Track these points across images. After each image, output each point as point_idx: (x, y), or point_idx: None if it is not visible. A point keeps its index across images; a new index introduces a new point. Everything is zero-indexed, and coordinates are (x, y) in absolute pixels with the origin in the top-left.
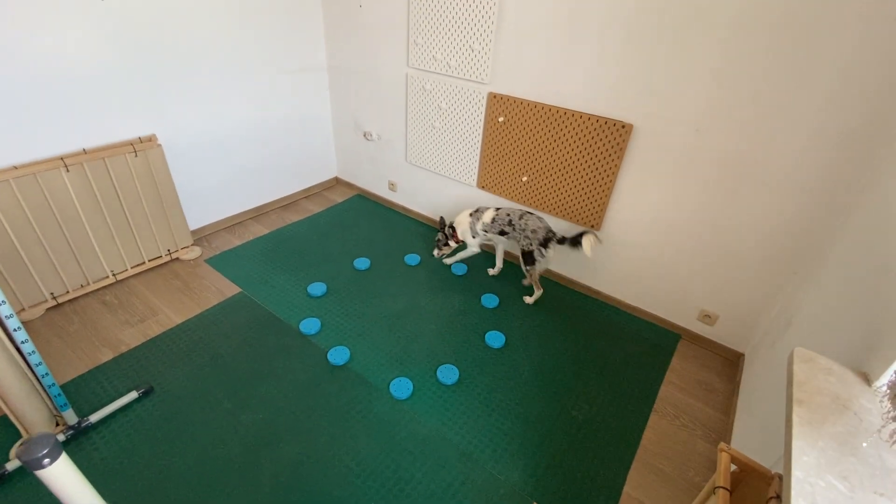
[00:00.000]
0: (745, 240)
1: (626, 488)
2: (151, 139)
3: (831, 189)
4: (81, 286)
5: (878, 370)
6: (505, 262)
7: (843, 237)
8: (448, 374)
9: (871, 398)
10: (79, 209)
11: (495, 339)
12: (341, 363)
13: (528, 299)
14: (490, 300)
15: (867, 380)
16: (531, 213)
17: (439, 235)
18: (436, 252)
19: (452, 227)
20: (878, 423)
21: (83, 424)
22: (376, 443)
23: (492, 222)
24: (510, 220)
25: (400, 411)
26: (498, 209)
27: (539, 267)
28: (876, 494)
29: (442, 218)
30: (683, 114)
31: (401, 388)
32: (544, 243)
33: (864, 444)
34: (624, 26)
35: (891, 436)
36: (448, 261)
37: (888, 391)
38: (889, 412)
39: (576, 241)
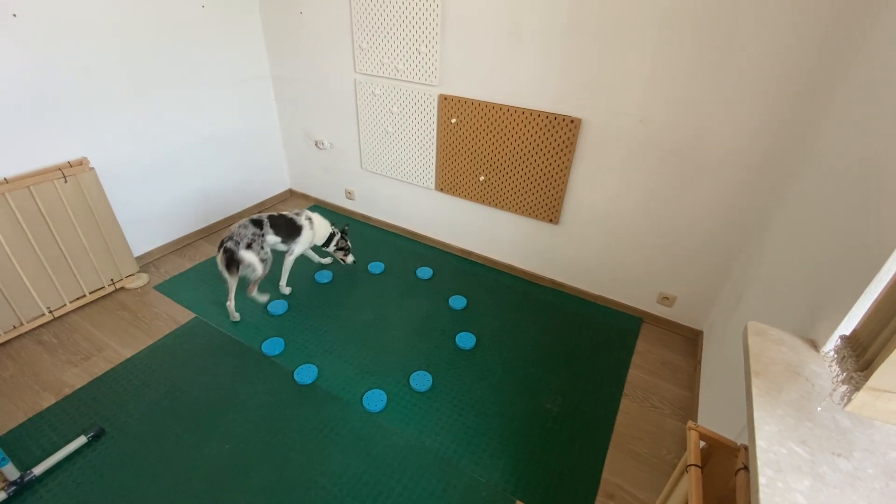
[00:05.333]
0: (695, 221)
1: (604, 474)
2: (83, 163)
3: (769, 167)
4: (14, 327)
5: (824, 336)
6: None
7: (783, 212)
8: (421, 380)
9: (821, 363)
10: (3, 244)
11: (466, 340)
12: (309, 382)
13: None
14: (458, 301)
15: (815, 346)
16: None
17: None
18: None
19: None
20: (828, 386)
21: (26, 478)
22: (352, 460)
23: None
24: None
25: (375, 424)
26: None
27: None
28: (833, 455)
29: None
30: (627, 106)
31: (374, 400)
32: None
33: (819, 409)
34: (564, 24)
35: (842, 398)
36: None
37: (835, 355)
38: (838, 375)
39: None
